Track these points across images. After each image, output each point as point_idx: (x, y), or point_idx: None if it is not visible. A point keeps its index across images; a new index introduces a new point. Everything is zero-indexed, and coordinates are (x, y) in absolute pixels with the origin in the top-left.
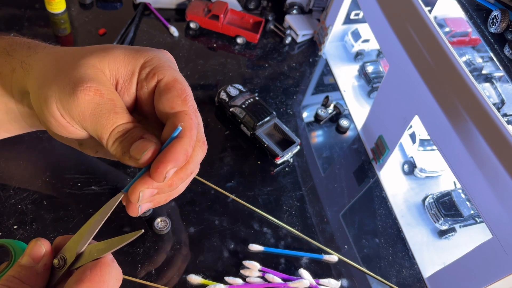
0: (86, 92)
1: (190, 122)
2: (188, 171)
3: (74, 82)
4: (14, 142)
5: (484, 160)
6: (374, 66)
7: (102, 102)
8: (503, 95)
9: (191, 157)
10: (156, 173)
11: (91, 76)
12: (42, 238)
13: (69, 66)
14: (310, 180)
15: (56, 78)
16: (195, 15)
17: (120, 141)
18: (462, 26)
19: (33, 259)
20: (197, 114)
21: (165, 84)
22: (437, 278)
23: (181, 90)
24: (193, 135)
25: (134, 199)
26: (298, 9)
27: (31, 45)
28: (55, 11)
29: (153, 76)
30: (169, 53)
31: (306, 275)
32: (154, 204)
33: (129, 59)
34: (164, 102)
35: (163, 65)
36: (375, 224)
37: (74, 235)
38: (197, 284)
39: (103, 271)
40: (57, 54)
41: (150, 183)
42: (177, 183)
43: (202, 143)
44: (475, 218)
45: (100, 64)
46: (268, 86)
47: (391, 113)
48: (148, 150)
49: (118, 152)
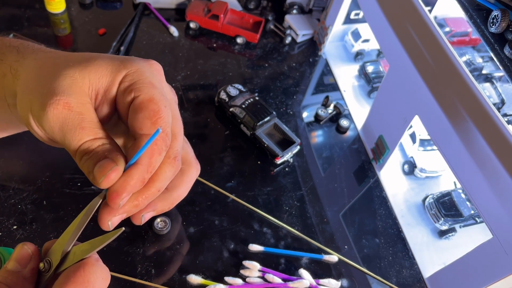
0: (55, 106)
1: (153, 148)
2: (153, 189)
3: (46, 95)
4: (14, 142)
5: (484, 160)
6: (374, 66)
7: (70, 116)
8: (503, 95)
9: (156, 175)
10: (110, 201)
11: (63, 88)
12: (28, 242)
13: (48, 76)
14: (310, 180)
15: (35, 89)
16: (195, 15)
17: (86, 160)
18: (462, 26)
19: (19, 263)
20: (174, 127)
21: (139, 103)
22: (437, 278)
23: (153, 111)
24: (154, 161)
25: (106, 227)
26: (298, 9)
27: (20, 48)
28: (55, 11)
29: (130, 92)
30: (156, 65)
31: (306, 275)
32: (157, 212)
33: (111, 70)
34: (134, 122)
35: (143, 80)
36: (375, 224)
37: (59, 238)
38: (197, 284)
39: (86, 272)
40: (41, 62)
41: (114, 211)
42: (143, 203)
43: (173, 159)
44: (475, 218)
45: (80, 74)
46: (268, 86)
47: (391, 113)
48: (109, 172)
49: (84, 171)
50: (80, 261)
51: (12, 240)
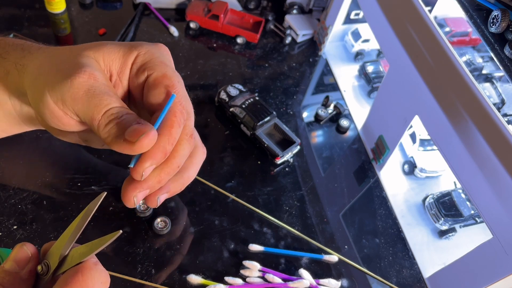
0: (81, 74)
1: (172, 119)
2: (174, 165)
3: (70, 69)
4: (14, 142)
5: (484, 160)
6: (374, 66)
7: (97, 84)
8: (503, 95)
9: (176, 151)
10: (134, 171)
11: (87, 63)
12: (28, 243)
13: (65, 59)
14: (310, 180)
15: (50, 71)
16: (195, 15)
17: (115, 123)
18: (462, 26)
19: (17, 264)
20: (185, 106)
21: (153, 79)
22: (437, 278)
23: (168, 86)
24: (174, 132)
25: (131, 203)
26: (298, 9)
27: (25, 46)
28: (55, 11)
29: (143, 71)
30: (164, 47)
31: (306, 275)
32: (170, 194)
33: (122, 53)
34: (151, 98)
35: (154, 60)
36: (375, 224)
37: (57, 240)
38: (197, 284)
39: (84, 276)
40: (52, 52)
41: (139, 186)
42: (165, 178)
43: (190, 136)
44: (475, 218)
45: (94, 56)
46: (268, 86)
47: (391, 113)
48: (145, 134)
49: (111, 135)
50: (78, 264)
51: (12, 240)
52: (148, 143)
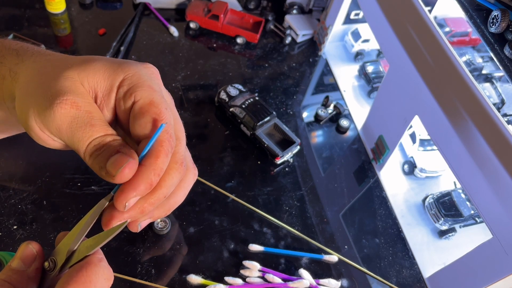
0: (63, 105)
1: (158, 149)
2: (160, 196)
3: (52, 96)
4: (14, 142)
5: (484, 160)
6: (374, 66)
7: (79, 114)
8: (503, 95)
9: (163, 181)
10: (117, 201)
11: (69, 89)
12: (33, 241)
13: (49, 79)
14: (310, 180)
15: (36, 91)
16: (195, 15)
17: (96, 156)
18: (462, 26)
19: (24, 262)
20: (176, 131)
21: (139, 107)
22: (437, 278)
23: (155, 115)
24: (160, 162)
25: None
26: (298, 9)
27: (20, 51)
28: (55, 11)
29: (130, 96)
30: (153, 68)
31: (306, 275)
32: (154, 218)
33: (109, 73)
34: (137, 128)
35: (142, 84)
36: (375, 224)
37: (64, 238)
38: (197, 284)
39: (89, 272)
40: (40, 65)
41: (119, 215)
42: (148, 209)
43: (180, 164)
44: (475, 218)
45: (79, 76)
46: (268, 86)
47: (391, 113)
48: (125, 165)
49: (95, 167)
50: (84, 259)
51: (12, 240)
52: (129, 172)
